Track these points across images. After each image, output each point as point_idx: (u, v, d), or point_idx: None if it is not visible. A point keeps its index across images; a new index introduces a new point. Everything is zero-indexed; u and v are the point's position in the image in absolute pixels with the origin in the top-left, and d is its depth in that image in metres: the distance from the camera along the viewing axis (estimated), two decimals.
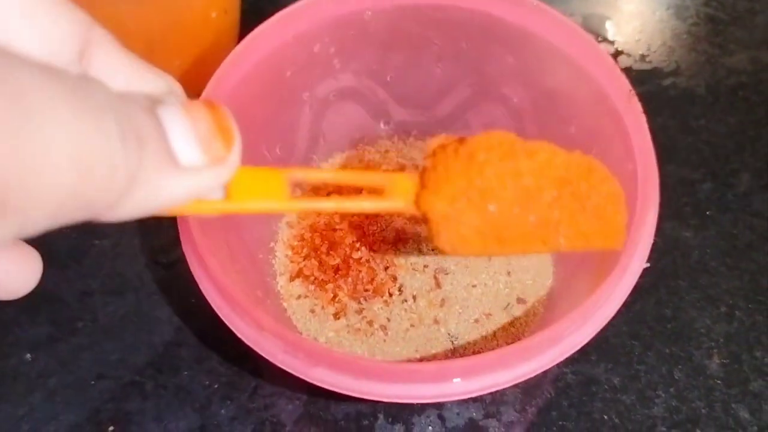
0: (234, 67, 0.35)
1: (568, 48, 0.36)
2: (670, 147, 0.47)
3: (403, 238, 0.40)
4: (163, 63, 0.23)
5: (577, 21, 0.54)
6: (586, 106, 0.37)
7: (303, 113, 0.41)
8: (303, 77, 0.40)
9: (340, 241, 0.40)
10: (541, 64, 0.38)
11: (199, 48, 0.42)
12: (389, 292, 0.39)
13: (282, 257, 0.41)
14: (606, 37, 0.53)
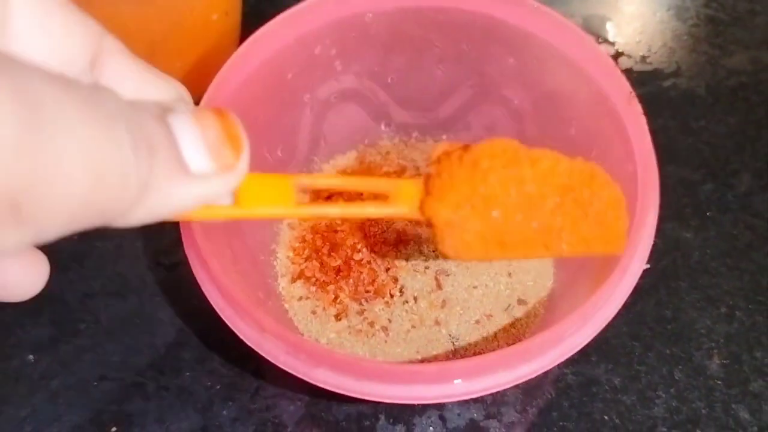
0: (235, 69, 0.35)
1: (568, 49, 0.36)
2: (670, 148, 0.47)
3: (404, 239, 0.40)
4: (164, 65, 0.23)
5: (578, 22, 0.54)
6: (586, 107, 0.37)
7: (304, 115, 0.42)
8: (304, 79, 0.40)
9: (342, 243, 0.40)
10: (542, 65, 0.38)
11: (200, 50, 0.43)
12: (390, 293, 0.39)
13: (283, 259, 0.41)
14: (606, 38, 0.53)
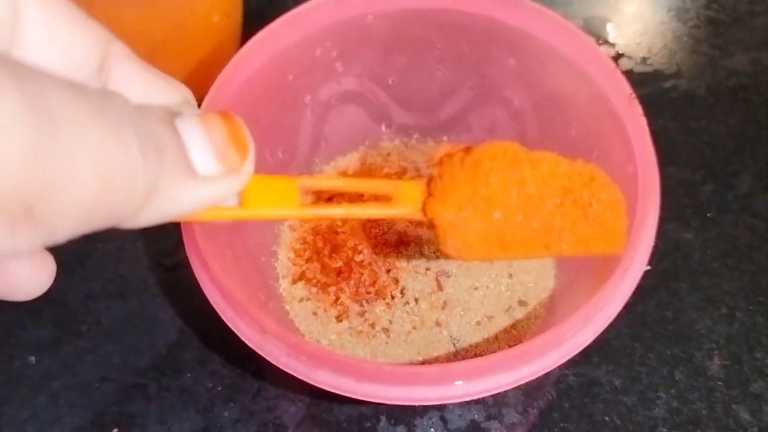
0: (236, 70, 0.35)
1: (568, 51, 0.37)
2: (670, 149, 0.47)
3: (405, 240, 0.40)
4: (165, 67, 0.23)
5: (578, 23, 0.54)
6: (586, 108, 0.37)
7: (305, 116, 0.42)
8: (305, 81, 0.40)
9: (343, 244, 0.40)
10: (543, 67, 0.38)
11: (201, 52, 0.43)
12: (391, 294, 0.39)
13: (284, 260, 0.41)
14: (607, 39, 0.53)
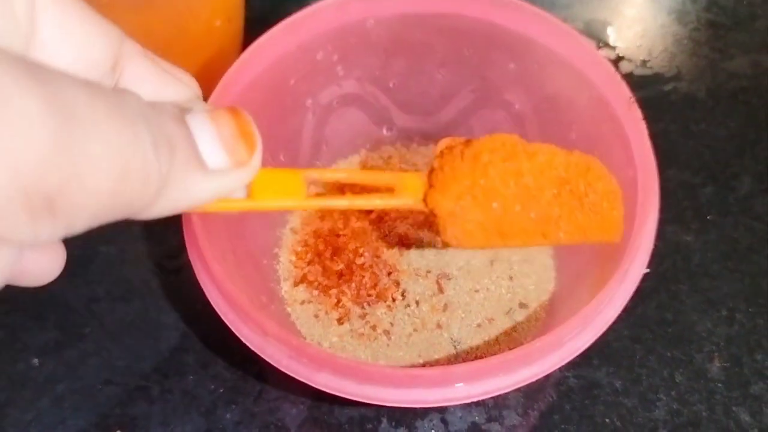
0: (238, 75, 0.35)
1: (569, 55, 0.37)
2: (671, 151, 0.47)
3: (406, 243, 0.40)
4: None
5: (579, 26, 0.54)
6: (586, 112, 0.37)
7: (306, 120, 0.42)
8: (306, 84, 0.40)
9: (344, 247, 0.40)
10: (543, 70, 0.39)
11: (203, 56, 0.43)
12: (392, 297, 0.39)
13: (286, 263, 0.41)
14: (607, 42, 0.54)
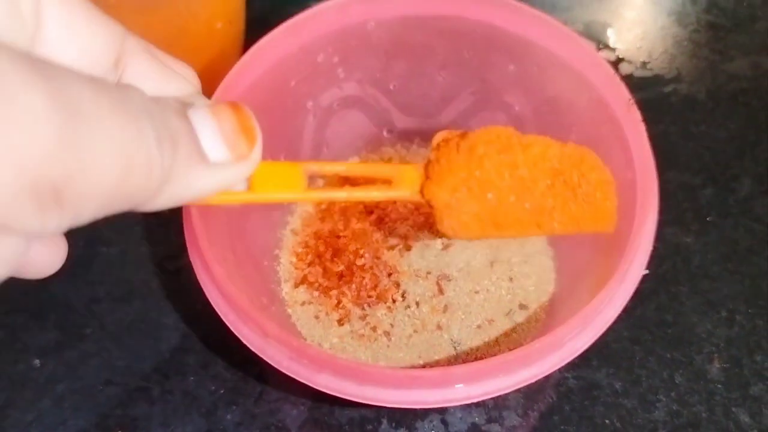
0: (239, 77, 0.35)
1: (568, 57, 0.37)
2: (671, 153, 0.47)
3: (407, 245, 0.40)
4: None
5: (579, 28, 0.54)
6: (586, 113, 0.37)
7: (307, 122, 0.42)
8: (307, 86, 0.40)
9: (344, 248, 0.40)
10: (543, 72, 0.39)
11: (204, 58, 0.43)
12: (392, 298, 0.39)
13: (287, 264, 0.41)
14: (607, 44, 0.54)
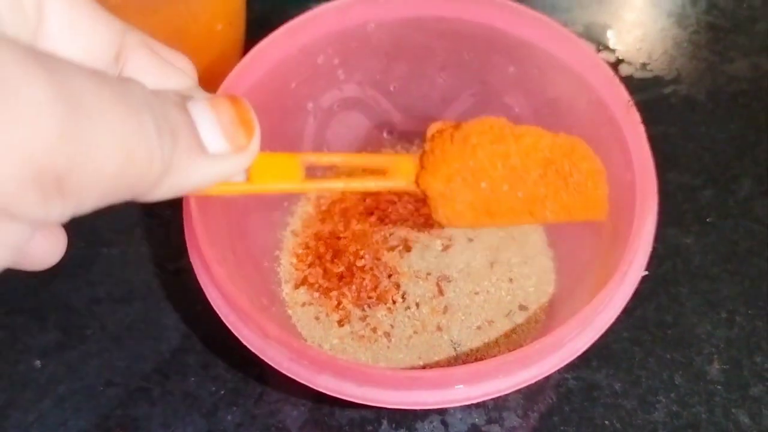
0: (239, 78, 0.35)
1: (568, 58, 0.37)
2: (671, 154, 0.47)
3: (407, 246, 0.41)
4: None
5: (579, 30, 0.54)
6: (586, 115, 0.37)
7: (307, 123, 0.42)
8: (307, 88, 0.40)
9: (344, 249, 0.40)
10: (542, 74, 0.39)
11: (204, 60, 0.43)
12: (393, 299, 0.39)
13: (287, 265, 0.41)
14: (607, 45, 0.54)
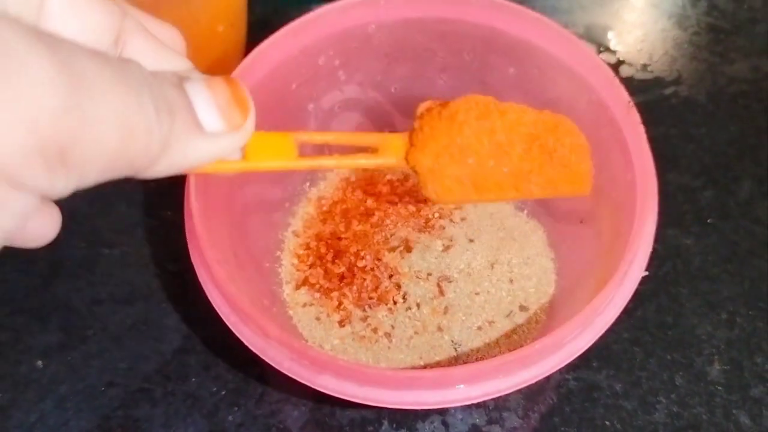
0: (241, 79, 0.35)
1: (568, 59, 0.37)
2: (671, 155, 0.47)
3: (407, 246, 0.41)
4: None
5: (580, 31, 0.54)
6: (586, 116, 0.37)
7: (308, 124, 0.42)
8: (308, 89, 0.40)
9: (345, 250, 0.40)
10: (542, 75, 0.39)
11: (206, 61, 0.43)
12: (393, 299, 0.39)
13: (288, 266, 0.41)
14: (608, 46, 0.54)
